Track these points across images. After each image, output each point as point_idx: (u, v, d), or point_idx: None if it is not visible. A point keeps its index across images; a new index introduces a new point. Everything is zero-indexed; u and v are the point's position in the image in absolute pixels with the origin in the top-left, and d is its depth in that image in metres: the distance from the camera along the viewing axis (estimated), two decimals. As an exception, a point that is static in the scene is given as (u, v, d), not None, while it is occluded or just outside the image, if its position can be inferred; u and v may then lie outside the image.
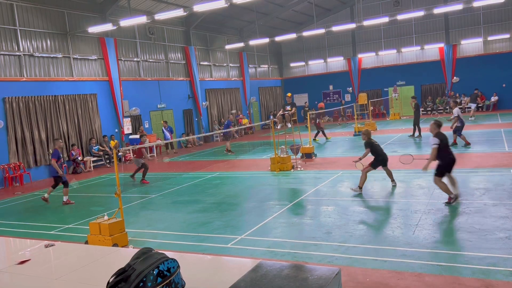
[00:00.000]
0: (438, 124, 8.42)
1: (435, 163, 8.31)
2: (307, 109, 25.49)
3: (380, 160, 10.01)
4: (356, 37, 33.37)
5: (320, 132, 20.67)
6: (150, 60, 23.22)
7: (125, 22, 17.44)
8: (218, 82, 28.80)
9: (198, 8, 16.71)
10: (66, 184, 11.57)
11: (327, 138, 20.64)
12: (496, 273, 5.15)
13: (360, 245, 6.55)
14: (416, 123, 18.68)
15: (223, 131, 19.93)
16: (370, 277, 5.39)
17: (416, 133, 18.83)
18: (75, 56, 18.90)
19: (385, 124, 26.46)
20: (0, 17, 16.11)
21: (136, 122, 22.04)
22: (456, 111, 14.98)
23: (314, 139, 20.07)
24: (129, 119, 21.44)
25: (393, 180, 10.21)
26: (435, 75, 31.16)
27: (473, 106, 25.75)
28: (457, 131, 15.06)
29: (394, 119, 29.26)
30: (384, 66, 32.93)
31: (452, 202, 8.09)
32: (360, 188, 9.81)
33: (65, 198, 11.54)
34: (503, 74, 28.81)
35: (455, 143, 15.22)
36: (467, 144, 14.99)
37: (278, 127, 17.32)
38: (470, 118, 24.00)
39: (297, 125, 17.17)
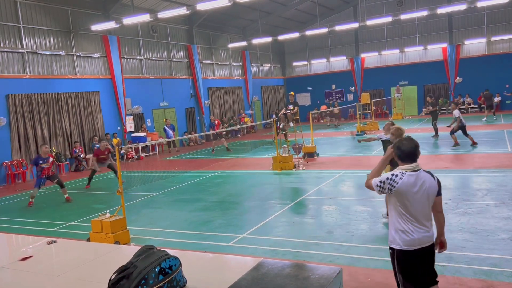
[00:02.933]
0: (393, 124, 8.53)
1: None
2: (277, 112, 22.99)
3: None
4: (359, 36, 33.30)
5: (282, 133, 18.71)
6: (153, 58, 23.23)
7: (128, 20, 17.46)
8: (220, 81, 28.79)
9: (201, 6, 16.69)
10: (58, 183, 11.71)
11: (274, 139, 18.97)
12: (498, 274, 5.13)
13: (361, 244, 6.54)
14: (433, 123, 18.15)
15: (222, 130, 19.94)
16: (372, 277, 5.38)
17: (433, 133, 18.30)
18: (78, 54, 18.92)
19: (387, 124, 26.36)
20: (3, 14, 16.15)
21: (139, 120, 22.07)
22: (456, 112, 15.10)
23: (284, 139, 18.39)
24: (132, 117, 21.47)
25: None
26: (438, 75, 31.07)
27: None
28: (454, 132, 15.10)
29: (396, 119, 29.18)
30: (387, 66, 32.85)
31: None
32: None
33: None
34: (507, 74, 28.70)
35: (457, 144, 15.21)
36: (456, 144, 15.07)
37: (281, 126, 17.29)
38: None
39: (299, 124, 17.15)
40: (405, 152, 3.62)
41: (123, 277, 1.92)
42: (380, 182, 3.62)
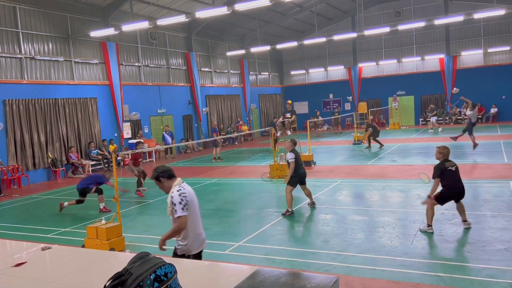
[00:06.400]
0: (294, 142, 9.55)
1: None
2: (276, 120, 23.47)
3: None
4: (357, 46, 33.51)
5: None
6: (151, 65, 23.27)
7: (127, 27, 17.50)
8: (218, 89, 28.85)
9: (200, 14, 16.77)
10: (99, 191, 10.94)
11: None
12: (495, 285, 5.12)
13: (358, 254, 6.52)
14: (373, 138, 19.52)
15: (217, 138, 19.93)
16: (368, 286, 5.36)
17: (375, 145, 19.51)
18: (76, 60, 18.94)
19: (384, 134, 26.48)
20: (2, 20, 16.17)
21: (136, 127, 22.05)
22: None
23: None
24: (129, 123, 21.45)
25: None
26: (435, 86, 31.24)
27: None
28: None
29: (393, 129, 29.31)
30: (384, 75, 33.03)
31: (288, 214, 8.95)
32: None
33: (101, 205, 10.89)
34: (503, 86, 28.91)
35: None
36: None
37: (278, 134, 17.31)
38: None
39: (297, 132, 17.17)
40: (169, 171, 4.26)
41: (118, 284, 1.90)
42: (180, 204, 4.01)
